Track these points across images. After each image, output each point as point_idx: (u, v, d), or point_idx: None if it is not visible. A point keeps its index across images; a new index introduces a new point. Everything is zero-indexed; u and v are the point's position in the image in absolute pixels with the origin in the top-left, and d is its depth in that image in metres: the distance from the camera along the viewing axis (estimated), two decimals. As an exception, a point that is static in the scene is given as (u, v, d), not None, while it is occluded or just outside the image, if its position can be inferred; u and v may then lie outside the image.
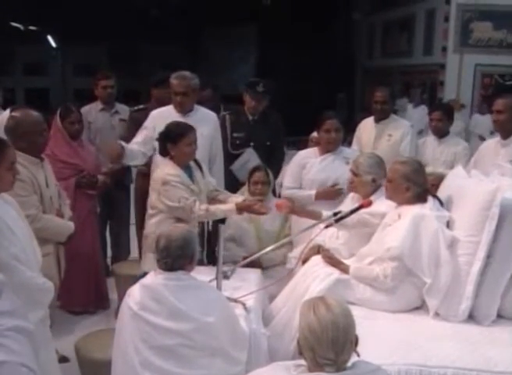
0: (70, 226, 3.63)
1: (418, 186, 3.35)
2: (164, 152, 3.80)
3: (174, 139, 3.71)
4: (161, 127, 4.26)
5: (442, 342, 2.91)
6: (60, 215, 3.65)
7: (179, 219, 3.61)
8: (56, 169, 4.00)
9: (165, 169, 3.73)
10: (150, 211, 3.85)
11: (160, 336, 2.64)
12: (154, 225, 3.75)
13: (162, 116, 4.38)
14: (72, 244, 3.84)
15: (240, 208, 3.71)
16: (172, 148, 3.72)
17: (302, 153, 4.63)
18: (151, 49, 16.18)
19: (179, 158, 3.75)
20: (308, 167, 4.40)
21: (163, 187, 3.66)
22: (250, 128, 4.89)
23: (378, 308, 3.25)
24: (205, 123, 4.40)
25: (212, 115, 4.55)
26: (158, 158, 4.36)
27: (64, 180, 4.30)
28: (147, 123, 4.43)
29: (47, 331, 2.89)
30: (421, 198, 3.35)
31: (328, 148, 4.38)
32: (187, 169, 3.82)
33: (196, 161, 3.93)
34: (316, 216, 3.77)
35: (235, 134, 4.84)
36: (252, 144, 4.85)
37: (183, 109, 4.35)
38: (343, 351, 1.96)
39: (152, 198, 3.81)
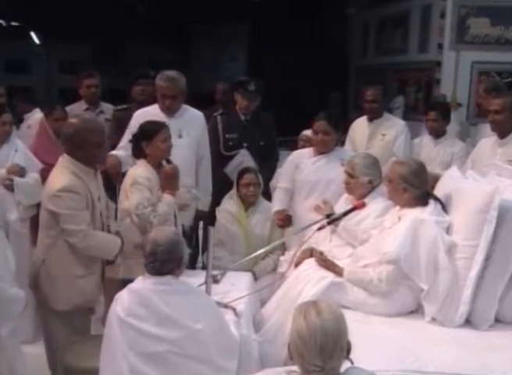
0: (117, 242, 3.53)
1: (416, 188, 3.36)
2: (137, 153, 3.81)
3: (149, 136, 3.73)
4: None
5: (438, 347, 2.92)
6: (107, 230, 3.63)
7: None
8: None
9: (137, 170, 3.75)
10: (119, 214, 3.87)
11: (148, 343, 2.64)
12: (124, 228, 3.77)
13: (147, 116, 4.37)
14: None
15: (162, 187, 3.70)
16: (147, 145, 3.74)
17: (296, 153, 4.63)
18: (138, 47, 16.12)
19: (155, 156, 3.77)
20: (301, 168, 4.41)
21: (130, 187, 3.68)
22: (242, 129, 4.89)
23: (373, 312, 3.26)
24: (192, 123, 4.40)
25: (199, 115, 4.53)
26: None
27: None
28: (132, 123, 4.40)
29: (17, 342, 2.89)
30: (421, 201, 3.36)
31: (318, 149, 4.39)
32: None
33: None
34: None
35: (227, 136, 4.83)
36: (245, 144, 4.84)
37: (171, 113, 4.33)
38: (332, 357, 1.97)
39: (122, 198, 3.83)
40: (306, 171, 4.36)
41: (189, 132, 4.32)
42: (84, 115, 3.50)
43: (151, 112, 4.38)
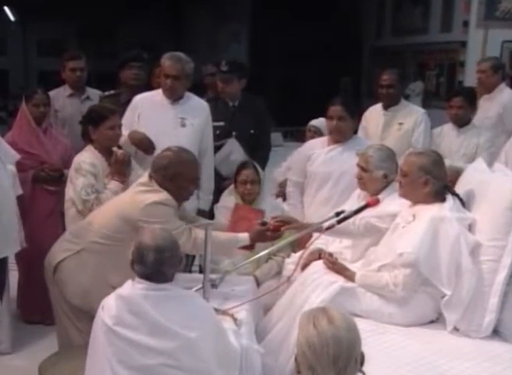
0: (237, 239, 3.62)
1: (438, 180, 3.37)
2: (84, 137, 4.02)
3: (95, 121, 3.91)
4: (145, 115, 4.32)
5: (461, 361, 2.92)
6: None
7: None
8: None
9: (82, 156, 3.92)
10: (65, 204, 3.97)
11: (139, 355, 2.63)
12: (71, 219, 3.88)
13: (147, 102, 4.40)
14: (31, 248, 3.94)
15: (111, 173, 3.85)
16: (93, 130, 3.93)
17: (309, 143, 4.68)
18: (128, 25, 16.10)
19: (100, 143, 3.94)
20: (313, 158, 4.43)
21: (75, 174, 3.86)
22: (230, 116, 4.94)
23: (388, 322, 3.28)
24: (196, 112, 4.44)
25: (204, 104, 4.58)
26: None
27: (23, 173, 4.34)
28: (129, 111, 4.45)
29: None
30: (439, 196, 3.37)
31: (333, 137, 4.41)
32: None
33: None
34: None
35: (214, 124, 4.79)
36: (234, 133, 4.88)
37: (172, 95, 4.38)
38: (346, 370, 1.97)
39: (67, 187, 3.95)
40: (318, 161, 4.39)
41: (192, 122, 4.38)
42: (179, 147, 3.64)
43: (151, 98, 4.43)
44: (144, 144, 4.25)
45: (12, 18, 17.33)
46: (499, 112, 5.49)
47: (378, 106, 5.20)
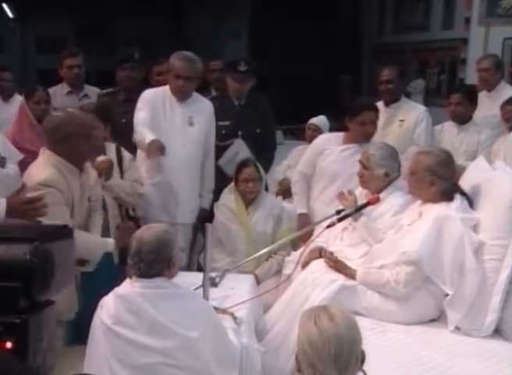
0: (107, 242, 3.54)
1: (445, 180, 3.38)
2: None
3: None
4: (154, 112, 4.32)
5: (463, 360, 2.93)
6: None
7: None
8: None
9: None
10: None
11: (138, 354, 2.64)
12: None
13: (157, 99, 4.38)
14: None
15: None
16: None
17: (324, 137, 4.66)
18: (127, 23, 16.08)
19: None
20: (326, 154, 4.42)
21: None
22: (236, 115, 4.89)
23: (389, 319, 3.28)
24: (202, 112, 4.45)
25: (209, 104, 4.58)
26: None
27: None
28: (143, 103, 4.39)
29: None
30: (447, 196, 3.37)
31: (358, 140, 4.34)
32: None
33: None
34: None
35: (220, 123, 4.76)
36: (240, 133, 4.84)
37: (183, 95, 4.37)
38: (347, 368, 1.98)
39: None
40: (330, 158, 4.38)
41: (199, 121, 4.39)
42: (67, 108, 3.57)
43: (159, 94, 4.41)
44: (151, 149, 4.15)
45: (10, 15, 17.31)
46: None
47: (380, 104, 5.19)
